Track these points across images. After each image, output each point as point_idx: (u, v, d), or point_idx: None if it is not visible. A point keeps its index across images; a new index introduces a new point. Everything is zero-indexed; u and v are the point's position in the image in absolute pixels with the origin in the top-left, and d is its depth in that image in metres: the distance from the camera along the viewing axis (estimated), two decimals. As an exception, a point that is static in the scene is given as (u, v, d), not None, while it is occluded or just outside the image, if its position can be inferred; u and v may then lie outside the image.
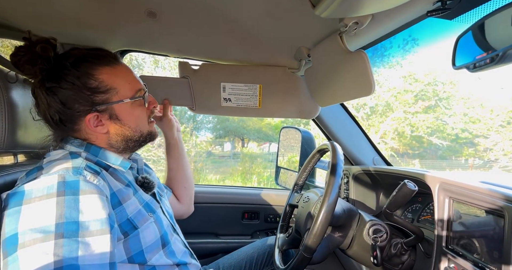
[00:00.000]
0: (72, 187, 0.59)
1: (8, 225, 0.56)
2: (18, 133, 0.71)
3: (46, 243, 0.53)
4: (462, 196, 0.71)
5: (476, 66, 0.55)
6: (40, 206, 0.56)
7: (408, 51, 11.02)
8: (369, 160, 1.40)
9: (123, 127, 0.77)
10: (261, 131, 18.30)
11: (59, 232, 0.55)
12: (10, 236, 0.55)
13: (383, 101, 11.97)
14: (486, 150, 11.28)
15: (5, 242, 0.55)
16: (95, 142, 0.76)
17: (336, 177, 0.77)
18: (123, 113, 0.76)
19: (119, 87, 0.75)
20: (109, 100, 0.74)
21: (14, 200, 0.58)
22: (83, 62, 0.72)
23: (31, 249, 0.53)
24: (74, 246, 0.55)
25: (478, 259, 0.65)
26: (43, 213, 0.56)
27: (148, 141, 0.84)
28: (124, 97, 0.75)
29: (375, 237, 0.85)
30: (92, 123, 0.73)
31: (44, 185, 0.58)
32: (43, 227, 0.55)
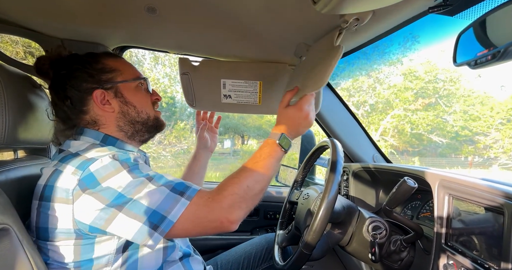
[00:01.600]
0: (128, 159, 0.70)
1: (104, 195, 0.64)
2: (19, 129, 0.71)
3: (148, 184, 0.66)
4: (461, 193, 0.71)
5: (477, 63, 0.54)
6: (118, 178, 0.65)
7: (408, 48, 10.99)
8: (369, 157, 1.40)
9: (128, 107, 0.82)
10: (261, 129, 18.29)
11: (148, 177, 0.68)
12: (115, 197, 0.64)
13: (383, 99, 11.97)
14: (486, 147, 11.29)
15: (113, 202, 0.63)
16: (105, 125, 0.80)
17: (336, 174, 0.77)
18: (127, 92, 0.82)
19: (122, 69, 0.83)
20: (114, 79, 0.81)
21: (90, 181, 0.64)
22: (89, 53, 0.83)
23: (142, 193, 0.65)
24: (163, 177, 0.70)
25: (477, 256, 0.65)
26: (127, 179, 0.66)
27: (155, 128, 0.88)
28: (128, 78, 0.83)
29: (375, 234, 0.85)
30: (99, 101, 0.78)
31: (107, 164, 0.66)
32: (136, 180, 0.66)
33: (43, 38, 1.06)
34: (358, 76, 11.66)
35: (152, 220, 0.64)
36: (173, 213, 0.65)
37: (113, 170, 0.66)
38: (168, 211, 0.65)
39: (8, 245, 0.59)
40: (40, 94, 0.82)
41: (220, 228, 0.69)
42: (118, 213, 0.63)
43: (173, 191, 0.67)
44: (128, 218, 0.63)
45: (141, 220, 0.63)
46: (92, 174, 0.65)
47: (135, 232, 0.64)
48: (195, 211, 0.67)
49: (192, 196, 0.68)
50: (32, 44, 5.60)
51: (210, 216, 0.67)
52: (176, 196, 0.67)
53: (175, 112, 13.51)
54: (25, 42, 5.59)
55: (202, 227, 0.68)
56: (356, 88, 12.31)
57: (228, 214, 0.68)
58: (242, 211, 0.71)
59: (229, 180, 0.73)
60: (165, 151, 8.79)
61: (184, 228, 0.67)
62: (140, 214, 0.63)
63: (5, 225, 0.60)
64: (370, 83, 11.99)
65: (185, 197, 0.67)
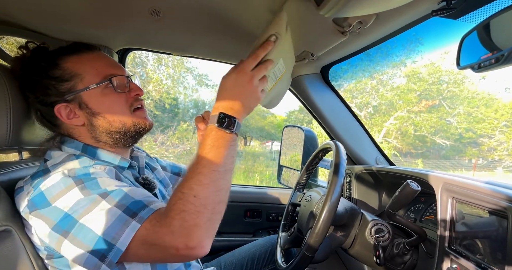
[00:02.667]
0: (86, 176, 0.62)
1: (50, 216, 0.58)
2: (23, 130, 0.71)
3: (100, 203, 0.58)
4: (465, 197, 0.71)
5: (481, 66, 0.54)
6: (67, 196, 0.58)
7: (412, 50, 10.95)
8: (372, 159, 1.39)
9: (96, 118, 0.72)
10: (264, 130, 18.30)
11: (103, 193, 0.59)
12: (61, 219, 0.57)
13: (386, 101, 11.93)
14: (490, 149, 11.22)
15: (58, 226, 0.57)
16: (80, 137, 0.74)
17: (338, 176, 0.77)
18: (92, 101, 0.71)
19: (83, 73, 0.71)
20: (74, 88, 0.70)
21: (39, 201, 0.59)
22: (51, 54, 0.73)
23: (90, 214, 0.57)
24: (122, 193, 0.60)
25: (481, 260, 0.64)
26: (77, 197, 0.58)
27: (138, 133, 0.77)
28: (90, 83, 0.71)
29: (378, 237, 0.85)
30: (64, 115, 0.71)
31: (59, 181, 0.60)
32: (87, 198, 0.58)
33: (48, 41, 1.07)
34: (361, 78, 11.65)
35: (99, 249, 0.56)
36: (122, 240, 0.56)
37: (63, 187, 0.59)
38: (116, 237, 0.56)
39: (11, 247, 0.60)
40: None
41: (179, 257, 0.57)
42: (63, 239, 0.57)
43: (126, 212, 0.58)
44: (74, 246, 0.56)
45: (87, 249, 0.56)
46: (42, 193, 0.59)
47: (84, 262, 0.57)
48: (145, 237, 0.56)
49: (144, 218, 0.57)
50: (37, 46, 5.64)
51: (160, 242, 0.56)
52: (126, 218, 0.57)
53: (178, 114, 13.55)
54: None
55: (157, 254, 0.57)
56: (359, 90, 12.29)
57: (182, 239, 0.55)
58: (202, 227, 0.57)
59: (173, 196, 0.60)
60: (168, 152, 8.81)
61: (138, 256, 0.58)
62: (86, 242, 0.56)
63: (8, 226, 0.60)
64: (373, 84, 11.96)
65: (137, 219, 0.57)
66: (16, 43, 5.59)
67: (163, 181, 0.96)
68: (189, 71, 10.31)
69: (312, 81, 1.35)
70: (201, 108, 17.00)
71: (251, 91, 0.68)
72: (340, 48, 1.05)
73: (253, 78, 0.67)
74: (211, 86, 12.17)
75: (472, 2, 0.65)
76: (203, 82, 11.52)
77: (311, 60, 1.14)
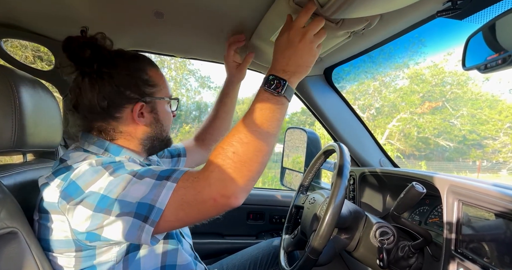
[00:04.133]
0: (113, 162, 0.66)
1: (89, 200, 0.61)
2: (28, 133, 0.71)
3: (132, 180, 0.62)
4: (471, 199, 0.70)
5: (487, 67, 0.54)
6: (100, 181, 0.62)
7: (415, 52, 10.93)
8: (376, 161, 1.39)
9: (157, 124, 0.81)
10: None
11: (131, 172, 0.63)
12: (99, 200, 0.60)
13: (389, 102, 11.89)
14: (494, 151, 11.14)
15: (99, 207, 0.60)
16: (128, 136, 0.78)
17: (342, 178, 0.77)
18: (161, 109, 0.82)
19: (162, 86, 0.82)
20: (154, 94, 0.80)
21: (73, 191, 0.62)
22: (136, 57, 0.80)
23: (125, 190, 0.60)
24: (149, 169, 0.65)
25: (488, 263, 0.64)
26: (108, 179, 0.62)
27: (164, 146, 0.87)
28: (164, 95, 0.82)
29: (382, 240, 0.84)
30: (136, 112, 0.77)
31: (88, 169, 0.63)
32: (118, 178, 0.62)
33: (52, 43, 1.08)
34: (364, 80, 11.63)
35: (141, 212, 0.59)
36: (160, 199, 0.60)
37: (95, 175, 0.63)
38: (154, 199, 0.60)
39: (17, 249, 0.60)
40: (49, 99, 0.83)
41: (217, 207, 0.61)
42: (107, 217, 0.60)
43: (158, 179, 0.62)
44: (116, 218, 0.60)
45: (130, 214, 0.60)
46: (74, 182, 0.63)
47: (127, 231, 0.60)
48: (183, 195, 0.60)
49: (178, 178, 0.62)
50: (41, 49, 5.70)
51: (199, 197, 0.60)
52: (161, 182, 0.61)
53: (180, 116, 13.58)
54: (34, 47, 5.69)
55: (196, 211, 0.61)
56: (361, 92, 12.27)
57: (219, 189, 0.60)
58: (238, 181, 0.60)
59: (214, 151, 0.64)
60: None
61: (177, 216, 0.61)
62: (127, 211, 0.60)
63: (14, 228, 0.61)
64: (376, 86, 11.94)
65: (171, 180, 0.62)
66: (20, 46, 5.65)
67: None
68: (191, 73, 10.36)
69: (315, 82, 1.35)
70: (204, 110, 17.05)
71: (306, 48, 0.66)
72: (344, 50, 1.05)
73: (307, 34, 0.66)
74: (213, 89, 12.20)
75: (478, 2, 0.65)
76: (205, 84, 11.56)
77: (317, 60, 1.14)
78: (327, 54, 1.08)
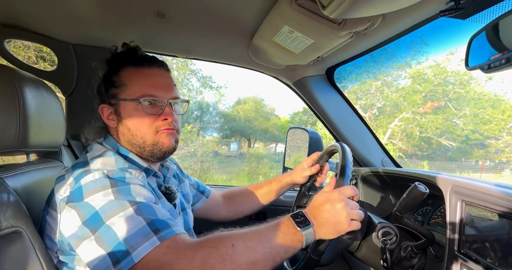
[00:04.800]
0: (121, 179, 0.67)
1: (83, 210, 0.62)
2: (32, 133, 0.72)
3: (127, 209, 0.62)
4: (475, 199, 0.70)
5: (490, 67, 0.53)
6: (100, 195, 0.63)
7: (417, 51, 10.88)
8: (378, 161, 1.38)
9: (123, 127, 0.79)
10: (268, 132, 18.30)
11: (132, 201, 0.63)
12: (91, 215, 0.61)
13: (391, 102, 11.86)
14: (497, 151, 11.08)
15: (88, 221, 0.61)
16: (115, 136, 0.81)
17: (345, 178, 0.77)
18: (125, 112, 0.78)
19: (128, 85, 0.78)
20: (117, 95, 0.78)
21: (77, 195, 0.64)
22: (121, 60, 0.81)
23: (116, 217, 0.61)
24: (149, 208, 0.64)
25: (491, 264, 0.63)
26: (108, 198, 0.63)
27: (157, 152, 0.79)
28: (128, 96, 0.77)
29: (385, 240, 0.83)
30: (105, 115, 0.80)
31: (97, 179, 0.65)
32: (117, 201, 0.62)
33: (54, 44, 1.08)
34: (366, 79, 11.61)
35: (116, 253, 0.59)
36: (138, 251, 0.58)
37: (99, 186, 0.64)
38: (134, 246, 0.58)
39: (21, 248, 0.60)
40: (52, 99, 0.83)
41: None
42: (91, 235, 0.60)
43: (149, 225, 0.61)
44: (96, 244, 0.60)
45: (106, 250, 0.59)
46: (81, 187, 0.64)
47: (97, 262, 0.59)
48: (161, 255, 0.58)
49: (165, 238, 0.60)
50: (44, 49, 5.72)
51: (176, 265, 0.58)
52: (149, 232, 0.60)
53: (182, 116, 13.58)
54: (37, 47, 5.71)
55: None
56: (363, 91, 12.24)
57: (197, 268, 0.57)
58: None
59: (217, 233, 0.64)
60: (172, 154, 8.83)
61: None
62: (107, 243, 0.59)
63: (18, 228, 0.61)
64: (378, 86, 11.91)
65: (158, 236, 0.60)
66: (23, 47, 5.67)
67: (186, 195, 0.99)
68: (193, 73, 10.38)
69: (317, 82, 1.35)
70: (205, 110, 17.07)
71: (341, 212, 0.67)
72: (346, 50, 1.05)
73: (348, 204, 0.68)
74: (215, 88, 12.21)
75: (481, 2, 0.64)
76: (207, 84, 11.58)
77: (317, 61, 1.14)
78: (329, 54, 1.08)
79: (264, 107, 19.75)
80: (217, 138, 18.20)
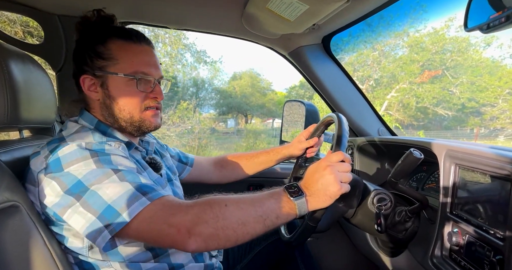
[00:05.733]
0: (101, 150, 0.67)
1: (64, 180, 0.62)
2: (21, 108, 0.70)
3: (112, 176, 0.62)
4: (469, 162, 0.71)
5: (489, 27, 0.52)
6: (81, 165, 0.63)
7: (415, 19, 10.58)
8: (374, 131, 1.39)
9: (110, 101, 0.77)
10: (264, 107, 18.21)
11: (115, 169, 0.64)
12: (73, 184, 0.62)
13: (388, 73, 11.72)
14: (492, 118, 11.15)
15: (70, 190, 0.62)
16: (93, 109, 0.79)
17: (341, 147, 0.77)
18: (114, 86, 0.77)
19: (120, 60, 0.76)
20: (106, 68, 0.76)
21: (55, 165, 0.64)
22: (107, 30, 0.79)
23: (102, 184, 0.61)
24: (133, 174, 0.65)
25: (482, 223, 0.66)
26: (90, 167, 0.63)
27: (143, 129, 0.80)
28: (120, 71, 0.76)
29: (380, 206, 0.86)
30: (86, 85, 0.77)
31: (76, 150, 0.65)
32: (100, 170, 0.63)
33: (40, 15, 1.04)
34: (363, 50, 11.38)
35: (105, 215, 0.60)
36: (129, 211, 0.60)
37: (79, 157, 0.64)
38: (123, 208, 0.60)
39: (19, 222, 0.62)
40: (40, 74, 0.81)
41: (175, 238, 0.60)
42: (75, 202, 0.61)
43: (137, 189, 0.62)
44: (83, 209, 0.61)
45: (95, 213, 0.60)
46: (59, 159, 0.64)
47: (86, 226, 0.60)
48: (153, 214, 0.60)
49: (154, 198, 0.62)
50: (31, 23, 5.48)
51: (170, 219, 0.60)
52: (137, 194, 0.61)
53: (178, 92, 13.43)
54: (23, 22, 5.47)
55: (157, 230, 0.60)
56: (360, 63, 12.06)
57: (190, 223, 0.59)
58: (208, 230, 0.60)
59: (211, 196, 0.67)
60: (169, 131, 8.83)
61: (138, 229, 0.61)
62: (95, 207, 0.60)
63: (15, 202, 0.62)
64: (375, 56, 11.70)
65: (147, 197, 0.62)
66: (9, 22, 5.43)
67: (171, 168, 0.98)
68: (187, 48, 10.08)
69: (313, 52, 1.32)
70: (201, 86, 16.83)
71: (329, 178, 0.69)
72: (342, 16, 1.01)
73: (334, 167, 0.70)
74: (210, 63, 11.95)
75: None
76: (201, 59, 11.29)
77: (312, 29, 1.11)
78: (325, 21, 1.05)
79: (260, 82, 19.50)
80: (214, 114, 18.13)
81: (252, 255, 1.12)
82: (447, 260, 0.74)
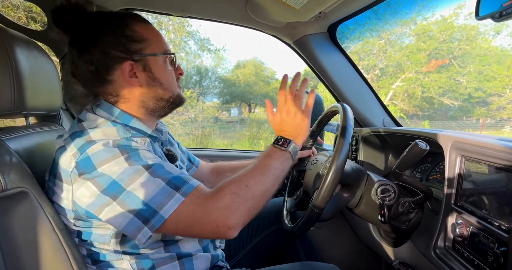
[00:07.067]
0: (128, 146, 0.67)
1: (99, 181, 0.63)
2: (27, 95, 0.70)
3: (144, 174, 0.64)
4: (475, 154, 0.71)
5: (502, 15, 0.50)
6: (113, 164, 0.64)
7: (423, 6, 10.32)
8: (379, 121, 1.38)
9: (155, 83, 0.76)
10: (268, 96, 18.08)
11: (146, 165, 0.65)
12: (109, 185, 0.63)
13: (394, 62, 11.54)
14: (499, 108, 11.00)
15: (107, 190, 0.63)
16: (127, 99, 0.76)
17: (346, 137, 0.77)
18: (155, 67, 0.76)
19: (152, 40, 0.76)
20: (143, 50, 0.75)
21: (86, 165, 0.64)
22: (117, 14, 0.79)
23: (136, 183, 0.63)
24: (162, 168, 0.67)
25: (486, 215, 0.66)
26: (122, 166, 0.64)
27: (176, 105, 0.84)
28: (157, 51, 0.77)
29: (383, 196, 0.86)
30: (127, 73, 0.73)
31: (105, 148, 0.65)
32: (132, 168, 0.64)
33: (44, 1, 1.02)
34: (369, 38, 11.16)
35: (144, 213, 0.62)
36: (165, 208, 0.62)
37: (110, 155, 0.64)
38: (160, 205, 0.62)
39: (28, 207, 0.63)
40: (45, 60, 0.80)
41: (216, 233, 0.65)
42: (112, 202, 0.63)
43: (169, 185, 0.64)
44: (120, 208, 0.62)
45: (133, 212, 0.62)
46: (89, 158, 0.64)
47: (126, 224, 0.62)
48: (189, 210, 0.63)
49: (187, 193, 0.65)
50: (34, 9, 5.44)
51: (204, 217, 0.64)
52: (170, 191, 0.64)
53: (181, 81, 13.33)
54: (26, 7, 5.42)
55: (196, 228, 0.65)
56: (366, 52, 11.86)
57: (225, 217, 0.64)
58: (242, 215, 0.65)
59: (227, 180, 0.69)
60: (173, 120, 8.85)
61: (177, 228, 0.65)
62: (132, 206, 0.62)
63: (24, 188, 0.62)
64: (381, 45, 11.49)
65: (180, 192, 0.64)
66: (12, 7, 5.39)
67: (181, 158, 1.00)
68: (190, 35, 9.97)
69: (319, 41, 1.29)
70: (204, 75, 16.71)
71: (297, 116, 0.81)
72: (349, 4, 0.99)
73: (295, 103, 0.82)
74: (213, 51, 11.83)
75: None
76: (205, 47, 11.19)
77: (318, 17, 1.08)
78: (331, 9, 1.02)
79: (264, 71, 19.30)
80: (217, 103, 18.06)
81: (253, 243, 1.14)
82: (450, 251, 0.75)
